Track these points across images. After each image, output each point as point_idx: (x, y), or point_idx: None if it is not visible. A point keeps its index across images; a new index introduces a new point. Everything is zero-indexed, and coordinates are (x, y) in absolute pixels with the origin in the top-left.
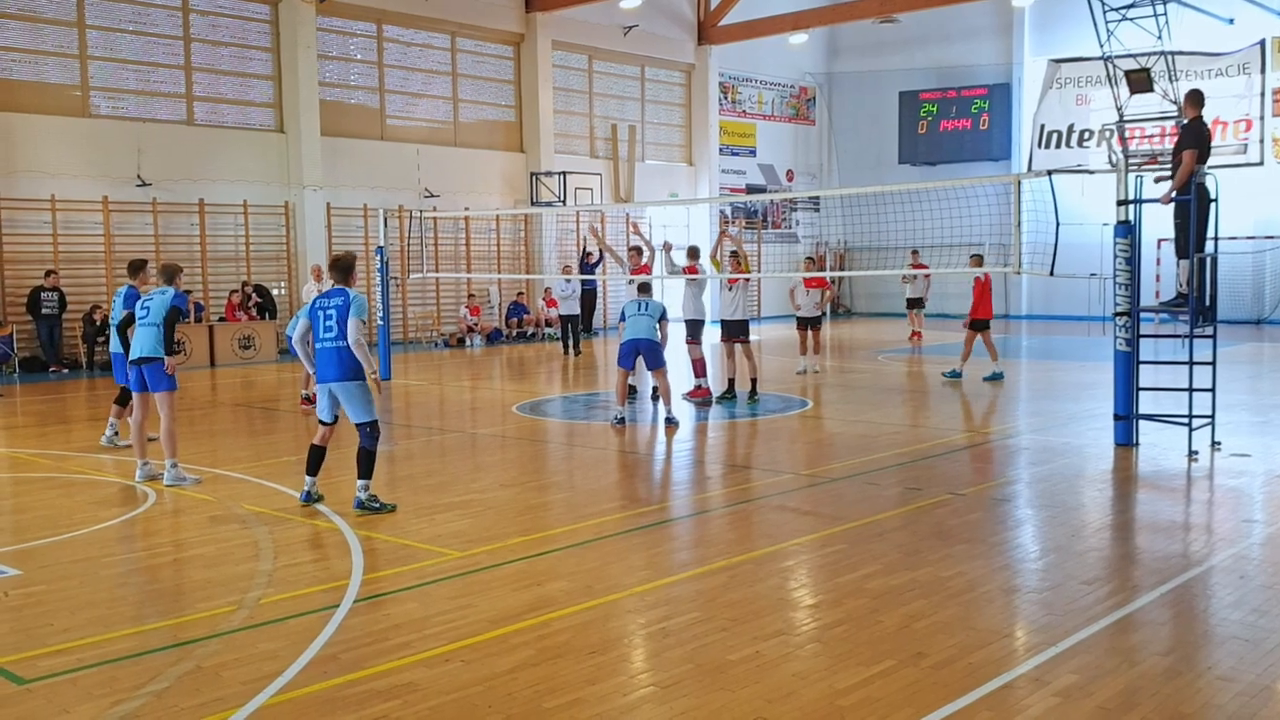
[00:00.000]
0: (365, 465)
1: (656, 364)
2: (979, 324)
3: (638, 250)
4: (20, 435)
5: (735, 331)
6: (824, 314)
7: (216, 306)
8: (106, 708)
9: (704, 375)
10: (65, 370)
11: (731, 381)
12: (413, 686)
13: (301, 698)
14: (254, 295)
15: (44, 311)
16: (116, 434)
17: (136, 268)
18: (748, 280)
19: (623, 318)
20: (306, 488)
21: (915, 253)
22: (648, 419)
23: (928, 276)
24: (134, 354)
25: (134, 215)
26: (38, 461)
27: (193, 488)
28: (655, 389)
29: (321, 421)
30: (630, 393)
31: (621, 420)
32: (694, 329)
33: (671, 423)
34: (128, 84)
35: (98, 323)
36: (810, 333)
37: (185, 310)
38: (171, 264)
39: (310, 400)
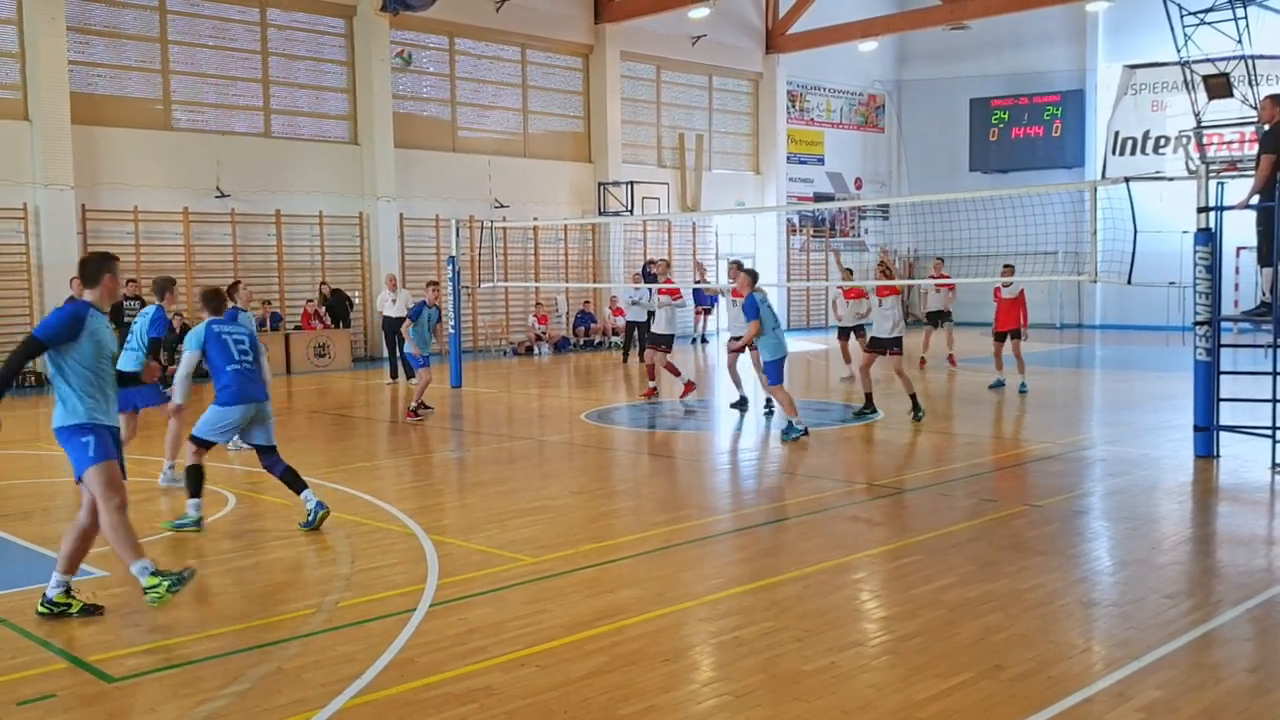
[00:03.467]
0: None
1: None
2: (1014, 333)
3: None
4: None
5: (886, 346)
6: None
7: (293, 315)
8: (191, 707)
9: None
10: None
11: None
12: (489, 690)
13: (380, 700)
14: (327, 298)
15: (126, 320)
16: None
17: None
18: (896, 293)
19: (755, 314)
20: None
21: (940, 261)
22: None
23: (952, 288)
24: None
25: (213, 226)
26: None
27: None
28: (769, 402)
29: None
30: (741, 404)
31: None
32: (669, 341)
33: (791, 435)
34: (207, 98)
35: (177, 331)
36: (856, 341)
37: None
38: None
39: (415, 411)
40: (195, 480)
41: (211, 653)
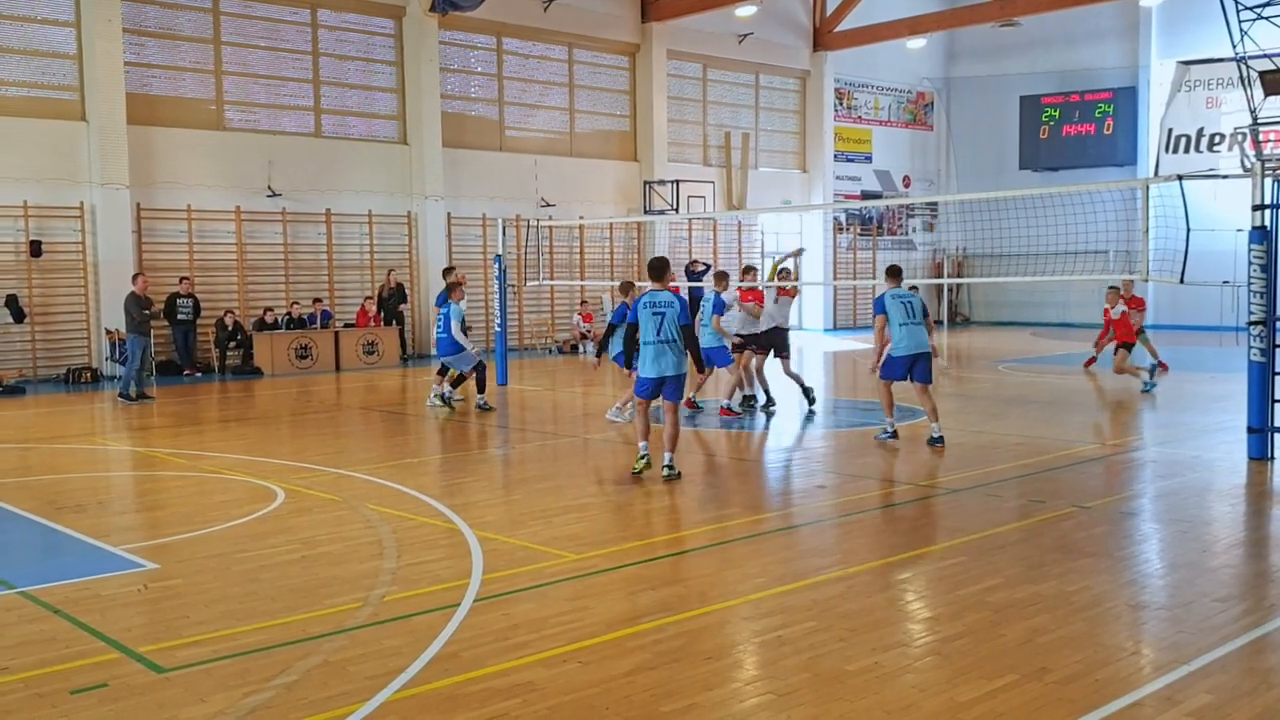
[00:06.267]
0: None
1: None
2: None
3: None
4: (157, 435)
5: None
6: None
7: (342, 313)
8: (240, 698)
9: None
10: (198, 374)
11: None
12: (532, 686)
13: (424, 694)
14: (392, 288)
15: (179, 317)
16: None
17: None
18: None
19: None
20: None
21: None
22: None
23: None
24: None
25: (264, 225)
26: (173, 460)
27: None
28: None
29: None
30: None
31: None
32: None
33: (936, 443)
34: (259, 98)
35: (229, 328)
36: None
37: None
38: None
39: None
40: None
41: (259, 645)
